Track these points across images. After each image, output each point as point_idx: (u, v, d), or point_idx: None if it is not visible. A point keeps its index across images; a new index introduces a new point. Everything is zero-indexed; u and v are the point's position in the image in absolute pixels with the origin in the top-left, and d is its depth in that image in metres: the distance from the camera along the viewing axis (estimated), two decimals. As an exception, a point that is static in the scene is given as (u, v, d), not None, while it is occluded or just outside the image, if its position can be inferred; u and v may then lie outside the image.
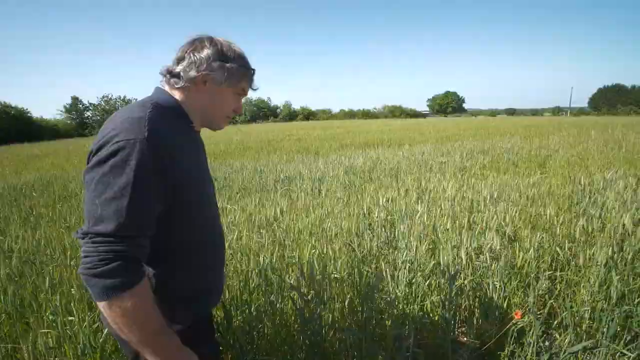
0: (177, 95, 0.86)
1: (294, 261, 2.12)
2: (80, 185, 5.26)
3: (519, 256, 2.14)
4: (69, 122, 44.97)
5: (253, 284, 1.93)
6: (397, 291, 2.17)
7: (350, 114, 63.50)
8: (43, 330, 1.59)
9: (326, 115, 63.28)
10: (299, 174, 5.57)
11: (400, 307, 2.13)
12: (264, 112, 58.74)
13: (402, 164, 5.97)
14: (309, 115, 62.11)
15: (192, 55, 0.83)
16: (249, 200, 3.87)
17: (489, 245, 2.17)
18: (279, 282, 1.96)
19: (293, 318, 1.82)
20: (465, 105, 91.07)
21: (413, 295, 2.14)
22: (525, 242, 2.23)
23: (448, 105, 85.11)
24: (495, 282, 2.03)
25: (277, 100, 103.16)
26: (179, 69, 0.83)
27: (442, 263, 2.04)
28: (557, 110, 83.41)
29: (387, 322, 1.99)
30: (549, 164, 5.30)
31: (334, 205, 3.39)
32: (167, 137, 0.75)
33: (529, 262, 2.10)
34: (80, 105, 47.06)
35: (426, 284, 2.13)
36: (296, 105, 64.25)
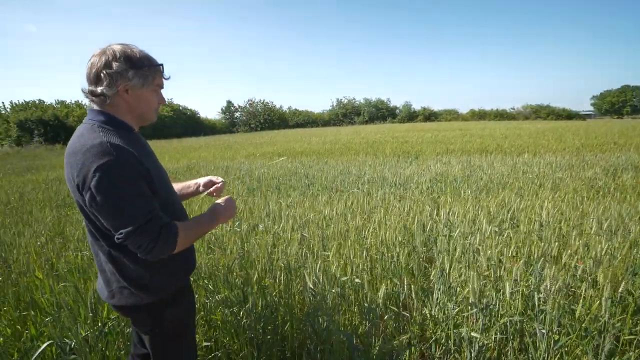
0: (109, 110, 1.01)
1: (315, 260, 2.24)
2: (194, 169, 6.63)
3: (585, 304, 1.66)
4: (223, 121, 55.80)
5: (278, 272, 2.16)
6: (427, 311, 2.04)
7: (480, 115, 56.29)
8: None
9: (450, 116, 57.90)
10: (382, 178, 5.51)
11: (431, 329, 1.99)
12: (382, 113, 58.41)
13: (505, 176, 5.14)
14: (430, 116, 58.23)
15: (106, 73, 0.95)
16: (320, 198, 4.14)
17: (544, 284, 1.77)
18: (299, 275, 2.13)
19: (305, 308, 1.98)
20: (657, 103, 67.66)
21: (441, 320, 1.96)
22: (605, 288, 1.70)
23: (626, 103, 64.98)
24: (543, 330, 1.67)
25: (397, 101, 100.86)
26: (100, 89, 0.96)
27: (471, 293, 1.79)
28: None
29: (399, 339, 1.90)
30: None
31: (390, 212, 3.29)
32: (128, 149, 0.95)
33: (600, 314, 1.61)
34: (232, 107, 57.65)
35: (455, 312, 1.92)
36: (417, 106, 61.28)
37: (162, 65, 1.06)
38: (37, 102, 35.87)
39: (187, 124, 42.78)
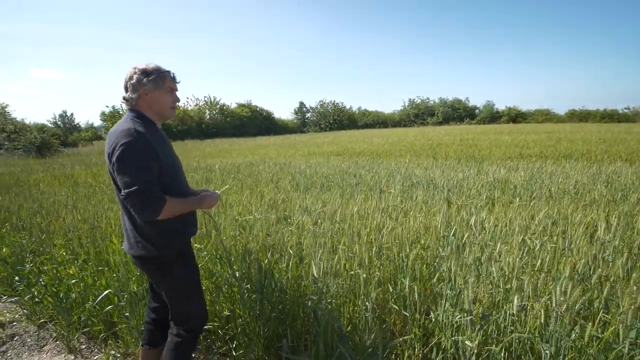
0: (138, 109, 1.39)
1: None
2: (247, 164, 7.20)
3: (606, 329, 1.47)
4: (295, 121, 58.56)
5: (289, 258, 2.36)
6: (432, 315, 2.03)
7: (582, 116, 48.13)
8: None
9: (542, 117, 50.70)
10: (431, 181, 5.30)
11: (437, 334, 1.98)
12: (459, 114, 54.23)
13: (579, 185, 4.49)
14: (516, 116, 51.85)
15: (130, 83, 1.36)
16: (357, 197, 4.22)
17: (555, 302, 1.61)
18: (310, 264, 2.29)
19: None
20: None
21: (443, 326, 1.93)
22: (627, 314, 1.48)
23: None
24: (547, 350, 1.56)
25: (477, 100, 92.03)
26: (127, 95, 1.37)
27: (466, 299, 1.73)
28: None
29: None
30: None
31: (425, 215, 3.22)
32: (147, 136, 1.31)
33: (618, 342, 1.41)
34: (304, 108, 60.09)
35: (456, 318, 1.88)
36: (501, 106, 55.21)
37: (169, 72, 1.40)
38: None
39: (262, 123, 46.15)
